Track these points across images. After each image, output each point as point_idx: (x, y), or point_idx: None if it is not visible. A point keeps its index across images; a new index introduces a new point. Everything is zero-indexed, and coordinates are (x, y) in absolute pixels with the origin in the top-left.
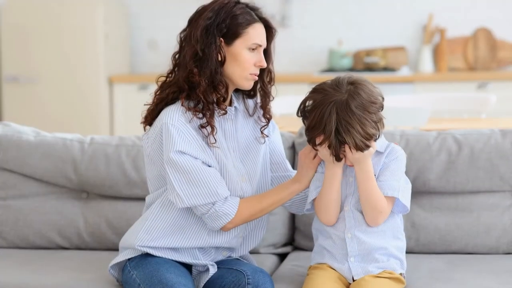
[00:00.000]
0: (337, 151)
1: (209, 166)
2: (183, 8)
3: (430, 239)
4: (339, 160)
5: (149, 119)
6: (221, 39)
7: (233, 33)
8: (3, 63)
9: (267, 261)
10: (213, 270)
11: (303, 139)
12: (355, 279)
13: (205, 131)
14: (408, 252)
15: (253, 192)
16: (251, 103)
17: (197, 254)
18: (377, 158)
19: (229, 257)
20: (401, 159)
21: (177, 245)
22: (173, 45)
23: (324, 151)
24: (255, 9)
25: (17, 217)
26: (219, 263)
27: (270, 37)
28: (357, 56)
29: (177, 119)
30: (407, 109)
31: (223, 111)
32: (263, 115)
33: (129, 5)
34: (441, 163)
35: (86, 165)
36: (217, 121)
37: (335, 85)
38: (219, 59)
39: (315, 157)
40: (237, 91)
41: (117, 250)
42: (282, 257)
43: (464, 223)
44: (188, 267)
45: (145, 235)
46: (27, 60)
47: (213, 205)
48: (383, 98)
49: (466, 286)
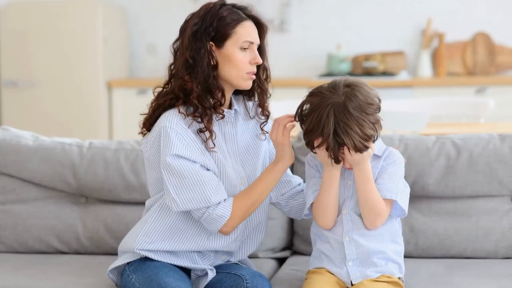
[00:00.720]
0: (336, 153)
1: (208, 169)
2: (182, 12)
3: (429, 244)
4: (338, 162)
5: (148, 125)
6: (211, 43)
7: (222, 34)
8: (2, 67)
9: (265, 266)
10: (211, 274)
11: (302, 143)
12: (353, 283)
13: (203, 135)
14: (407, 256)
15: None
16: (251, 104)
17: (196, 258)
18: (375, 161)
19: (228, 261)
20: (399, 162)
21: (176, 248)
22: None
23: (322, 154)
24: (242, 8)
25: (16, 222)
26: (218, 268)
27: (262, 33)
28: (355, 60)
29: (176, 123)
30: (406, 114)
31: (221, 116)
32: (262, 112)
33: (128, 9)
34: (440, 168)
35: (85, 169)
36: (217, 124)
37: (332, 87)
38: (212, 63)
39: (284, 134)
40: (237, 93)
41: (116, 254)
42: (280, 261)
43: (463, 228)
44: (187, 272)
45: (144, 238)
46: (26, 64)
47: (207, 209)
48: (379, 99)
49: None
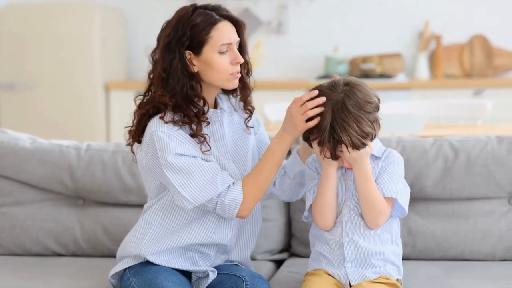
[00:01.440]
0: (333, 149)
1: (208, 161)
2: None
3: (426, 246)
4: (335, 159)
5: (136, 137)
6: (188, 51)
7: (198, 42)
8: (0, 70)
9: (263, 268)
10: (213, 275)
11: (299, 146)
12: (352, 284)
13: (196, 139)
14: (404, 258)
15: None
16: (233, 100)
17: (197, 260)
18: (375, 162)
19: (228, 261)
20: (399, 162)
21: (181, 243)
22: None
23: (319, 150)
24: (215, 9)
25: (14, 224)
26: (218, 269)
27: (240, 30)
28: (353, 62)
29: (166, 127)
30: (403, 116)
31: (206, 122)
32: (244, 107)
33: (125, 11)
34: (438, 170)
35: (82, 171)
36: (204, 125)
37: (331, 85)
38: (190, 72)
39: (302, 105)
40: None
41: (114, 256)
42: (278, 263)
43: (460, 230)
44: (188, 274)
45: (143, 241)
46: (23, 66)
47: (218, 197)
48: (379, 99)
49: None
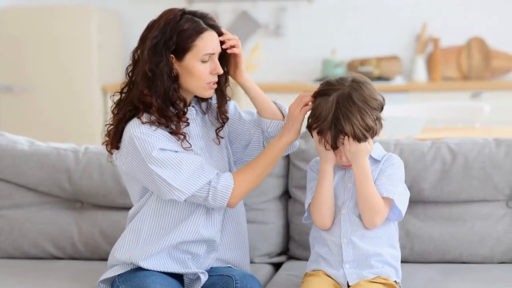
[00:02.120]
0: (334, 139)
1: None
2: None
3: (424, 249)
4: (335, 148)
5: (115, 143)
6: (172, 55)
7: (183, 48)
8: None
9: (261, 271)
10: (204, 278)
11: (298, 149)
12: (350, 285)
13: (176, 137)
14: (402, 261)
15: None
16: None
17: (187, 262)
18: (374, 166)
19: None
20: (398, 165)
21: (164, 246)
22: None
23: (318, 139)
24: (203, 17)
25: (12, 227)
26: (211, 272)
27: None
28: (351, 65)
29: (144, 127)
30: (401, 118)
31: (186, 124)
32: (219, 116)
33: (123, 14)
34: (435, 173)
35: (80, 174)
36: (184, 125)
37: (339, 79)
38: (172, 75)
39: (301, 111)
40: None
41: None
42: (276, 266)
43: (458, 233)
44: (180, 278)
45: (136, 248)
46: (21, 69)
47: (210, 184)
48: (384, 99)
49: None
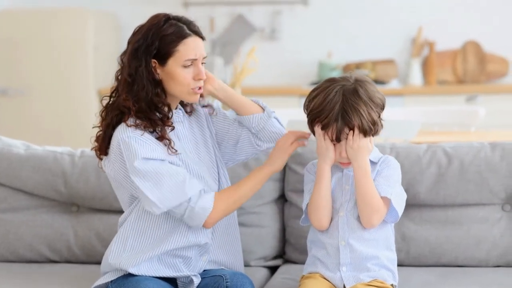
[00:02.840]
0: (339, 132)
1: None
2: None
3: (420, 252)
4: (338, 140)
5: (104, 148)
6: (154, 60)
7: (165, 53)
8: None
9: (257, 274)
10: (197, 281)
11: (294, 152)
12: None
13: (162, 143)
14: (398, 264)
15: (218, 186)
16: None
17: (179, 266)
18: (371, 167)
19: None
20: (395, 167)
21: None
22: None
23: (320, 137)
24: (188, 23)
25: (7, 230)
26: (204, 274)
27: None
28: (346, 68)
29: (131, 131)
30: (397, 122)
31: (171, 128)
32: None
33: (119, 17)
34: (431, 176)
35: (76, 178)
36: (169, 129)
37: (343, 77)
38: (156, 79)
39: (292, 144)
40: None
41: None
42: (272, 270)
43: (454, 236)
44: (174, 282)
45: (123, 254)
46: (17, 72)
47: (188, 203)
48: (384, 98)
49: None
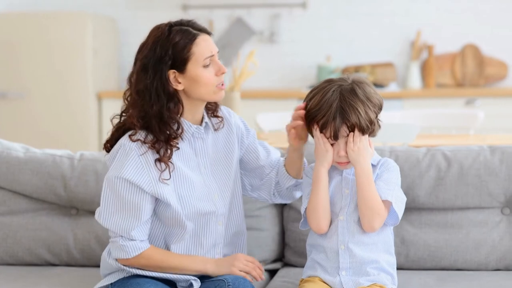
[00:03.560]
0: (337, 130)
1: (150, 203)
2: None
3: (419, 255)
4: (336, 138)
5: (109, 146)
6: (172, 70)
7: (182, 60)
8: None
9: None
10: (196, 285)
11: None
12: None
13: (159, 165)
14: (398, 268)
15: (226, 207)
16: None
17: None
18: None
19: None
20: (394, 170)
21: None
22: None
23: (319, 138)
24: (190, 24)
25: (6, 234)
26: (204, 277)
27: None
28: (345, 72)
29: (135, 144)
30: (396, 125)
31: (176, 148)
32: (213, 114)
33: (117, 21)
34: (430, 179)
35: (75, 181)
36: (187, 139)
37: (340, 78)
38: (170, 91)
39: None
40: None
41: None
42: (272, 273)
43: (453, 240)
44: (173, 284)
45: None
46: (16, 75)
47: (121, 237)
48: (382, 100)
49: None
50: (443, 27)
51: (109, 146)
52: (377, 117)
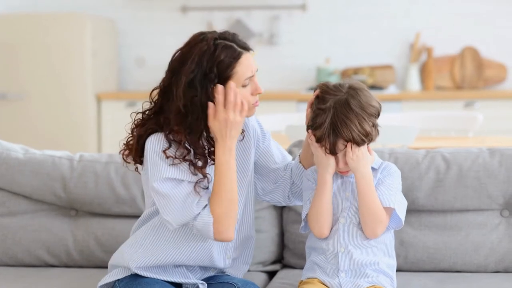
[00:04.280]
0: (333, 145)
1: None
2: (170, 26)
3: (419, 257)
4: (333, 153)
5: (138, 158)
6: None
7: (224, 78)
8: None
9: (256, 279)
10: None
11: (292, 156)
12: None
13: (192, 168)
14: (397, 270)
15: (240, 212)
16: None
17: (186, 273)
18: (372, 174)
19: (220, 272)
20: (396, 175)
21: (164, 263)
22: (160, 63)
23: (317, 149)
24: (234, 40)
25: (6, 235)
26: (210, 279)
27: None
28: (344, 74)
29: (161, 146)
30: (395, 127)
31: (212, 162)
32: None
33: (116, 22)
34: (430, 181)
35: (75, 182)
36: (210, 163)
37: (336, 86)
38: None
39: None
40: None
41: (106, 267)
42: (271, 275)
43: (452, 242)
44: (180, 286)
45: (134, 255)
46: (15, 76)
47: (194, 221)
48: (380, 105)
49: None
50: (442, 29)
51: (138, 157)
52: (373, 125)
